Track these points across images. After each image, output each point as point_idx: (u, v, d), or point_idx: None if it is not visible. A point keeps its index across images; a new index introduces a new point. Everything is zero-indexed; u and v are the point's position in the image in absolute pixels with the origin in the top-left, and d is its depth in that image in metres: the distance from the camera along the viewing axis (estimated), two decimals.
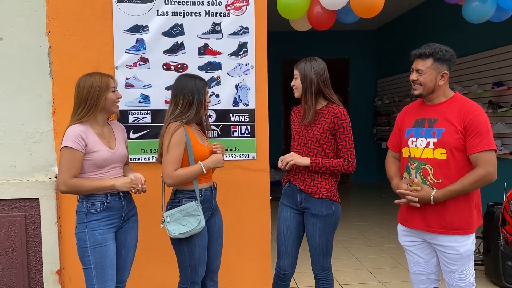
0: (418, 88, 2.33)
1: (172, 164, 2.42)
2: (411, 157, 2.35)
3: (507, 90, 5.12)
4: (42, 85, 3.15)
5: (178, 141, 2.42)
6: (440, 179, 2.24)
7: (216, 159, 2.55)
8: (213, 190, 2.64)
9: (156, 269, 3.32)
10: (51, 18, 3.13)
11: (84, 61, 3.14)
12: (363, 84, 9.32)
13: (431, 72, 2.27)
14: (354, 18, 3.43)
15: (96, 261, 2.35)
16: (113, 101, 2.43)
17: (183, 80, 2.55)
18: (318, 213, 2.60)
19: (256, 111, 3.33)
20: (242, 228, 3.35)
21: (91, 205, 2.37)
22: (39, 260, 3.19)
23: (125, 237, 2.52)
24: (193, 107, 2.50)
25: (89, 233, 2.35)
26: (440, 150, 2.24)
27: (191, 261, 2.52)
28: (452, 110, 2.26)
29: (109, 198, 2.39)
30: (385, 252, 4.69)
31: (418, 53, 2.31)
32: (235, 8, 3.26)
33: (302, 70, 2.61)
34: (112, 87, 2.42)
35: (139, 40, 3.20)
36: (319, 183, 2.60)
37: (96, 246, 2.34)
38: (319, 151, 2.59)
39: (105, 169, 2.41)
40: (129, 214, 2.54)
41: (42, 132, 3.17)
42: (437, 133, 2.26)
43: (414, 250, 2.44)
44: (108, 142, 2.44)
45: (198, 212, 2.44)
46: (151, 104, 3.25)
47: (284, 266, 2.72)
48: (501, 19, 3.43)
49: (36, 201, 3.15)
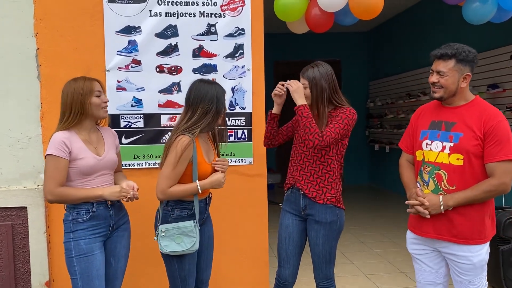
0: (438, 91, 2.19)
1: (169, 180, 2.28)
2: (425, 160, 2.25)
3: (502, 92, 5.10)
4: (30, 89, 3.02)
5: (184, 158, 2.27)
6: (455, 186, 2.15)
7: (215, 180, 2.36)
8: (208, 201, 2.52)
9: (150, 277, 3.20)
10: (39, 19, 3.00)
11: (73, 64, 3.02)
12: (355, 86, 9.27)
13: (454, 74, 2.14)
14: (353, 20, 3.35)
15: (82, 272, 2.26)
16: (97, 106, 2.32)
17: (202, 87, 2.34)
18: (322, 220, 2.51)
19: (252, 115, 3.24)
20: (239, 235, 3.25)
21: (76, 214, 2.28)
22: (27, 271, 3.06)
23: (114, 246, 2.42)
24: (208, 117, 2.33)
25: (74, 243, 2.26)
26: (457, 156, 2.13)
27: (181, 272, 2.41)
28: (471, 114, 2.15)
29: (94, 207, 2.29)
30: (383, 257, 4.62)
31: (439, 54, 2.17)
32: (230, 8, 3.16)
33: (311, 78, 2.49)
34: (96, 91, 2.31)
35: (131, 41, 3.09)
36: (324, 187, 2.51)
37: (82, 256, 2.26)
38: (326, 151, 2.50)
39: (92, 177, 2.31)
40: (119, 222, 2.43)
41: (30, 138, 3.03)
42: (455, 137, 2.15)
43: (422, 258, 2.34)
44: (96, 149, 2.34)
45: (194, 233, 2.31)
46: (144, 108, 3.13)
47: (285, 275, 2.62)
48: (502, 19, 3.38)
49: (24, 210, 3.02)
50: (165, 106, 3.16)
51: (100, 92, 2.34)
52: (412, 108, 7.40)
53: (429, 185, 2.23)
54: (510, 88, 5.00)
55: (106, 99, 2.37)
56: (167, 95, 3.15)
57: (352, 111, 2.51)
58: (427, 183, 2.24)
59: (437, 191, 2.20)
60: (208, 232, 2.57)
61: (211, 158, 2.45)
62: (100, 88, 2.35)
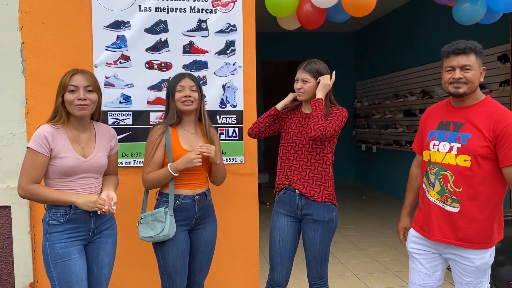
0: (463, 86, 2.11)
1: (146, 166, 2.39)
2: (431, 161, 2.22)
3: (490, 92, 5.14)
4: (14, 84, 2.93)
5: (150, 142, 2.39)
6: (461, 188, 2.10)
7: (185, 159, 2.31)
8: (198, 199, 2.44)
9: (137, 277, 3.13)
10: (24, 12, 2.91)
11: (60, 59, 2.95)
12: (342, 86, 9.24)
13: (477, 67, 2.11)
14: (345, 16, 3.32)
15: (59, 277, 2.12)
16: (69, 103, 2.12)
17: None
18: (320, 218, 2.48)
19: (244, 113, 3.19)
20: (229, 235, 3.20)
21: (53, 215, 2.13)
22: (11, 272, 2.96)
23: (97, 253, 2.26)
24: (169, 109, 2.45)
25: (49, 247, 2.12)
26: (464, 157, 2.09)
27: (167, 269, 2.40)
28: (481, 115, 2.11)
29: (72, 209, 2.13)
30: (371, 257, 4.62)
31: (462, 48, 2.12)
32: (222, 4, 3.11)
33: (316, 70, 2.51)
34: (70, 86, 2.11)
35: (120, 36, 3.01)
36: (321, 185, 2.48)
37: (58, 261, 2.11)
38: (321, 149, 2.48)
39: (73, 178, 2.15)
40: (102, 227, 2.26)
41: (14, 135, 2.94)
42: (463, 138, 2.11)
43: (420, 258, 2.31)
44: (82, 149, 2.19)
45: (163, 219, 2.33)
46: (132, 105, 3.06)
47: (278, 279, 2.57)
48: (491, 21, 3.40)
49: (7, 209, 2.93)
50: (154, 103, 3.09)
51: (76, 87, 2.12)
52: (399, 108, 7.44)
53: (435, 186, 2.20)
54: (497, 89, 5.05)
55: (81, 95, 2.11)
56: (156, 91, 3.08)
57: (345, 110, 2.54)
58: (433, 184, 2.21)
59: (443, 192, 2.16)
60: (205, 236, 2.51)
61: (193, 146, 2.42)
62: (77, 83, 2.12)
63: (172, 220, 2.34)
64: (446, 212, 2.15)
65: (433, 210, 2.19)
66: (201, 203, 2.45)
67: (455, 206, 2.13)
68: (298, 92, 2.53)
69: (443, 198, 2.16)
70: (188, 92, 2.39)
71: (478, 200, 2.10)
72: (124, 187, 2.97)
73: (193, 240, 2.48)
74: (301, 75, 2.51)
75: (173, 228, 2.34)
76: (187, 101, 2.39)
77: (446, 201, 2.15)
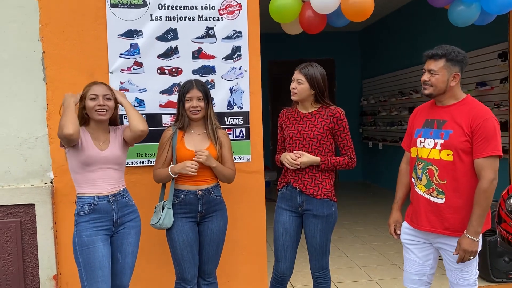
0: (428, 88, 2.33)
1: (156, 163, 2.76)
2: (418, 157, 2.39)
3: (490, 89, 5.26)
4: (36, 91, 3.14)
5: (160, 143, 2.75)
6: (445, 180, 2.28)
7: (181, 165, 2.60)
8: (200, 195, 2.68)
9: (152, 271, 3.33)
10: (44, 24, 3.12)
11: (78, 66, 3.15)
12: (349, 84, 9.44)
13: (444, 72, 2.28)
14: (345, 21, 3.50)
15: (84, 262, 2.41)
16: (90, 109, 2.48)
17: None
18: (319, 213, 2.66)
19: (250, 114, 3.38)
20: (238, 230, 3.38)
21: (80, 207, 2.46)
22: (35, 265, 3.18)
23: (121, 242, 2.56)
24: (179, 113, 2.73)
25: (77, 235, 2.44)
26: (447, 152, 2.27)
27: (175, 256, 2.68)
28: (461, 112, 2.28)
29: (96, 200, 2.46)
30: (376, 250, 4.78)
31: (430, 54, 2.32)
32: (228, 12, 3.30)
33: (311, 76, 2.66)
34: (90, 95, 2.47)
35: (133, 44, 3.22)
36: (320, 183, 2.67)
37: (84, 247, 2.41)
38: (319, 151, 2.66)
39: (93, 168, 2.47)
40: (124, 219, 2.57)
41: (37, 138, 3.16)
42: (445, 134, 2.28)
43: (412, 248, 2.49)
44: (101, 145, 2.52)
45: (160, 211, 2.65)
46: (146, 108, 3.26)
47: (283, 269, 2.76)
48: (485, 22, 3.54)
49: (32, 207, 3.14)
50: (166, 106, 3.29)
51: (96, 95, 2.47)
52: (405, 105, 7.56)
53: (422, 179, 2.38)
54: (497, 86, 5.16)
55: (101, 102, 2.46)
56: (168, 95, 3.28)
57: (342, 112, 2.72)
58: (420, 178, 2.39)
59: (429, 185, 2.34)
60: (211, 229, 2.74)
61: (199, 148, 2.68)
62: (98, 92, 2.48)
63: (169, 212, 2.64)
64: (433, 204, 2.33)
65: (421, 202, 2.38)
66: (204, 198, 2.69)
67: (441, 198, 2.31)
68: (292, 92, 2.72)
69: (429, 191, 2.34)
70: (196, 103, 2.65)
71: (461, 191, 2.27)
72: (140, 185, 3.19)
73: (200, 232, 2.75)
74: (296, 75, 2.70)
75: (169, 219, 2.63)
76: (195, 111, 2.66)
77: (432, 193, 2.33)
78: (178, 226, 2.65)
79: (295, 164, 2.63)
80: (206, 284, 2.80)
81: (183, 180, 2.68)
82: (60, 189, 3.16)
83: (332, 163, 2.66)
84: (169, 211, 2.63)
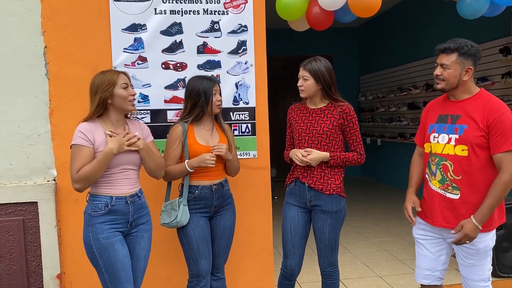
0: (441, 83, 2.30)
1: (166, 160, 2.63)
2: (432, 152, 2.37)
3: (492, 85, 5.26)
4: (38, 86, 3.07)
5: (171, 140, 2.64)
6: (460, 176, 2.25)
7: (200, 159, 2.55)
8: (215, 189, 2.66)
9: (162, 269, 3.28)
10: (46, 17, 3.06)
11: (81, 61, 3.09)
12: (346, 80, 9.39)
13: (456, 67, 2.25)
14: (352, 17, 3.46)
15: (106, 266, 2.30)
16: (124, 99, 2.34)
17: (190, 83, 2.68)
18: (328, 209, 2.63)
19: (256, 109, 3.34)
20: (244, 227, 3.34)
21: (95, 207, 2.32)
22: (39, 265, 3.12)
23: (133, 247, 2.43)
24: (197, 109, 2.63)
25: (93, 237, 2.29)
26: (462, 147, 2.24)
27: (191, 252, 2.61)
28: (475, 107, 2.25)
29: (113, 201, 2.32)
30: (379, 246, 4.76)
31: (443, 48, 2.28)
32: (233, 6, 3.25)
33: (316, 71, 2.61)
34: (122, 83, 2.33)
35: (137, 39, 3.16)
36: (328, 179, 2.64)
37: (103, 250, 2.28)
38: (329, 147, 2.63)
39: (114, 170, 2.32)
40: (138, 221, 2.44)
41: (39, 134, 3.09)
42: (459, 129, 2.26)
43: (425, 243, 2.47)
44: None
45: (177, 208, 2.58)
46: (150, 104, 3.21)
47: (292, 266, 2.73)
48: (494, 14, 3.50)
49: (35, 205, 3.08)
50: (171, 101, 3.24)
51: (126, 84, 2.36)
52: (403, 101, 7.56)
53: (436, 175, 2.35)
54: (499, 81, 5.16)
55: (133, 92, 2.40)
56: (172, 91, 3.23)
57: (351, 108, 2.70)
58: (434, 174, 2.36)
59: (444, 181, 2.31)
60: (223, 223, 2.74)
61: (210, 143, 2.66)
62: (127, 81, 2.37)
63: (185, 209, 2.58)
64: (448, 199, 2.30)
65: (435, 198, 2.35)
66: (218, 192, 2.67)
67: (456, 193, 2.28)
68: (299, 89, 2.69)
69: (444, 186, 2.32)
70: (219, 96, 2.66)
71: (477, 186, 2.24)
72: (146, 182, 3.13)
73: (212, 226, 2.72)
74: (301, 72, 2.67)
75: (186, 216, 2.57)
76: (220, 104, 2.67)
77: (447, 189, 2.31)
78: (193, 221, 2.61)
79: (306, 161, 2.59)
80: (215, 280, 2.77)
81: (198, 175, 2.64)
82: (63, 187, 3.09)
83: (341, 158, 2.64)
84: (185, 208, 2.59)
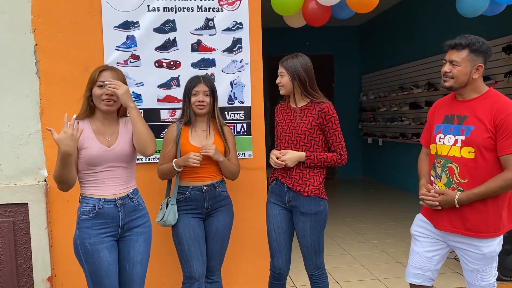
0: (449, 80, 2.19)
1: (160, 159, 2.69)
2: (438, 154, 2.27)
3: (494, 84, 5.17)
4: (29, 85, 3.01)
5: (166, 139, 2.67)
6: (467, 179, 2.15)
7: (185, 157, 2.54)
8: (206, 190, 2.62)
9: (157, 271, 3.22)
10: (37, 15, 2.99)
11: (72, 59, 3.02)
12: (348, 79, 9.33)
13: (466, 64, 2.13)
14: (349, 13, 3.38)
15: (90, 271, 2.22)
16: (97, 97, 2.21)
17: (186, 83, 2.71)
18: (307, 211, 2.57)
19: (251, 109, 3.26)
20: (239, 228, 3.27)
21: (83, 210, 2.23)
22: (29, 267, 3.06)
23: (127, 251, 2.30)
24: (185, 108, 2.66)
25: (80, 241, 2.21)
26: (468, 149, 2.14)
27: (183, 252, 2.58)
28: (483, 107, 2.14)
29: (101, 203, 2.22)
30: (379, 248, 4.68)
31: (453, 43, 2.17)
32: (228, 3, 3.17)
33: (290, 67, 2.56)
34: (98, 82, 2.20)
35: (130, 36, 3.09)
36: (307, 180, 2.57)
37: (88, 256, 2.20)
38: (307, 147, 2.57)
39: (99, 168, 2.22)
40: (132, 224, 2.31)
41: (30, 134, 3.03)
42: (466, 130, 2.15)
43: (422, 240, 2.37)
44: (107, 140, 2.26)
45: (164, 208, 2.60)
46: (143, 103, 3.14)
47: (279, 265, 2.67)
48: (494, 12, 3.43)
49: (25, 206, 3.02)
50: (165, 100, 3.17)
51: (103, 82, 2.20)
52: (405, 101, 7.47)
53: (441, 178, 2.26)
54: (502, 80, 5.08)
55: (108, 91, 2.20)
56: (166, 89, 3.16)
57: (332, 107, 2.57)
58: (439, 176, 2.27)
59: (449, 184, 2.22)
60: (216, 224, 2.68)
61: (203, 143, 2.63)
62: (106, 78, 2.21)
63: (173, 208, 2.58)
64: None
65: None
66: (209, 193, 2.62)
67: None
68: (279, 86, 2.63)
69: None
70: (202, 97, 2.60)
71: None
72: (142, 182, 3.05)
73: (205, 228, 2.68)
74: (279, 69, 2.62)
75: (173, 215, 2.57)
76: (200, 105, 2.60)
77: None
78: (184, 221, 2.59)
79: (279, 163, 2.55)
80: (210, 283, 2.71)
81: (188, 176, 2.62)
82: (54, 188, 2.99)
83: (318, 159, 2.55)
84: (173, 208, 2.57)
